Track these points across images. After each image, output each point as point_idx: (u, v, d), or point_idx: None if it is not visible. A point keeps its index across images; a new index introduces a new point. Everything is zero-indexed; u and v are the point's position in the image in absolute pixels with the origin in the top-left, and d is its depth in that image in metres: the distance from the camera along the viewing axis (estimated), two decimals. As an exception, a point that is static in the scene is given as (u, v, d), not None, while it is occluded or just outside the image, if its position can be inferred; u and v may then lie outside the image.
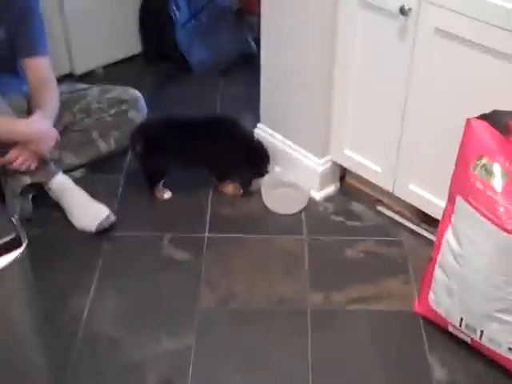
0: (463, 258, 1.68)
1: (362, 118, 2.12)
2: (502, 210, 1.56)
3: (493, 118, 1.63)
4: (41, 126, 2.16)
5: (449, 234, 1.72)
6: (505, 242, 1.56)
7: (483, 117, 1.64)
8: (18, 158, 2.13)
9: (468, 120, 1.65)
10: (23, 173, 2.16)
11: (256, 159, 2.30)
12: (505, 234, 1.55)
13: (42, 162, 2.19)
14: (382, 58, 1.97)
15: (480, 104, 1.69)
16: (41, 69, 2.31)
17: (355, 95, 2.10)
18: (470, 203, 1.63)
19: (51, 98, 2.28)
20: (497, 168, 1.58)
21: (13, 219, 1.29)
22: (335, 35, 2.05)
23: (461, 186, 1.66)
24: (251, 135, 2.37)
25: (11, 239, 1.26)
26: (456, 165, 1.69)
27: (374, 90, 2.04)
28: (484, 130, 1.62)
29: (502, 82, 1.71)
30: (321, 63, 2.11)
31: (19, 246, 1.28)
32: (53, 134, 2.19)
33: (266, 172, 2.31)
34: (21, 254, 1.28)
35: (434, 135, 1.94)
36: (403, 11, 1.83)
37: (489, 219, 1.58)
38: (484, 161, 1.61)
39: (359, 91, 2.09)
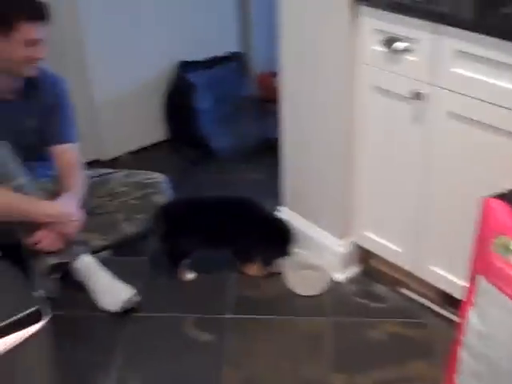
0: (489, 339, 1.66)
1: (382, 200, 2.17)
2: (525, 288, 1.56)
3: (509, 197, 1.66)
4: (67, 208, 2.23)
5: (472, 315, 1.72)
6: (530, 321, 1.56)
7: (499, 196, 1.67)
8: (45, 239, 2.18)
9: (485, 200, 1.68)
10: (49, 253, 2.21)
11: (279, 238, 2.34)
12: (529, 312, 1.55)
13: (68, 242, 2.25)
14: (398, 140, 2.03)
15: (494, 183, 1.72)
16: (69, 155, 2.41)
17: (374, 178, 2.16)
18: (491, 283, 1.64)
19: (78, 182, 2.36)
20: (517, 247, 1.60)
21: (35, 294, 1.33)
22: (352, 120, 2.13)
23: (481, 265, 1.68)
24: (273, 215, 2.42)
25: (31, 313, 1.29)
26: (475, 244, 1.71)
27: (392, 172, 2.10)
28: (501, 210, 1.64)
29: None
30: (339, 147, 2.18)
31: (39, 320, 1.31)
32: (78, 216, 2.26)
33: (289, 252, 2.34)
34: (40, 328, 1.31)
35: (451, 215, 1.97)
36: (415, 95, 1.90)
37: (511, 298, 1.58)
38: (503, 240, 1.62)
39: (378, 174, 2.14)
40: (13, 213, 2.15)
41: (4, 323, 1.26)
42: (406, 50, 1.90)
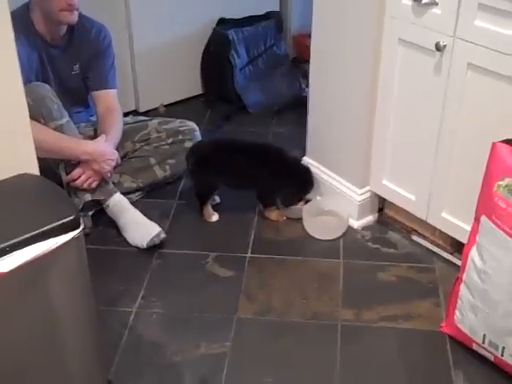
0: (486, 275, 1.76)
1: (400, 149, 2.25)
2: (522, 227, 1.65)
3: (516, 143, 1.74)
4: (103, 148, 2.38)
5: (474, 253, 1.81)
6: (524, 258, 1.64)
7: (507, 141, 1.75)
8: (82, 176, 2.34)
9: (493, 144, 1.76)
10: (85, 190, 2.37)
11: (301, 180, 2.46)
12: (524, 249, 1.63)
13: (103, 181, 2.40)
14: (420, 92, 2.11)
15: (507, 131, 1.80)
16: (109, 100, 2.57)
17: (393, 128, 2.24)
18: (493, 222, 1.73)
19: (115, 125, 2.51)
20: (518, 188, 1.68)
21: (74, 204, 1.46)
22: (376, 73, 2.21)
23: (485, 205, 1.76)
24: (297, 160, 2.53)
25: (70, 220, 1.44)
26: (482, 186, 1.79)
27: (411, 122, 2.18)
28: (508, 153, 1.73)
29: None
30: (362, 100, 2.27)
31: (77, 227, 1.45)
32: (114, 156, 2.41)
33: (306, 198, 2.45)
34: (78, 234, 1.45)
35: (465, 164, 2.05)
36: (438, 47, 1.98)
37: (510, 236, 1.67)
38: (507, 181, 1.71)
39: (397, 125, 2.23)
40: (53, 150, 2.29)
41: (45, 228, 1.40)
42: (431, 4, 1.97)
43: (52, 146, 2.29)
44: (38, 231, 1.41)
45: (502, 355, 1.78)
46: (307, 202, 2.48)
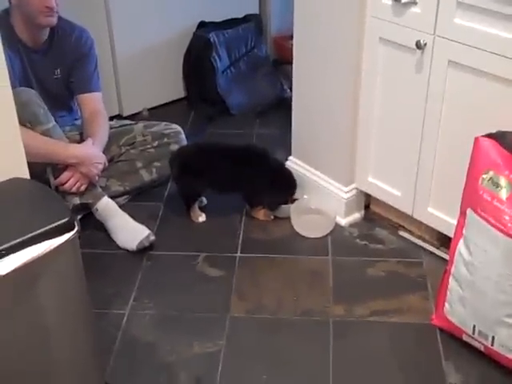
0: (474, 267, 1.80)
1: (384, 146, 2.29)
2: (507, 218, 1.69)
3: (499, 137, 1.79)
4: (91, 151, 2.40)
5: (461, 246, 1.85)
6: (510, 248, 1.68)
7: (490, 135, 1.80)
8: (70, 180, 2.35)
9: (476, 138, 1.81)
10: (73, 194, 2.38)
11: (284, 185, 2.48)
12: (510, 239, 1.67)
13: (91, 185, 2.41)
14: (402, 89, 2.15)
15: (488, 126, 1.85)
16: (93, 103, 2.58)
17: (377, 126, 2.28)
18: (479, 214, 1.77)
19: (101, 128, 2.52)
20: (503, 180, 1.72)
21: (68, 206, 1.48)
22: (359, 72, 2.25)
23: (471, 198, 1.80)
24: (280, 163, 2.56)
25: (64, 222, 1.45)
26: (466, 180, 1.83)
27: (394, 119, 2.22)
28: (491, 147, 1.77)
29: (506, 106, 1.88)
30: (346, 99, 2.30)
31: (72, 229, 1.46)
32: (101, 159, 2.42)
33: (293, 197, 2.48)
34: (72, 236, 1.46)
35: (449, 159, 2.10)
36: (419, 46, 2.02)
37: (496, 227, 1.71)
38: (491, 174, 1.75)
39: (381, 122, 2.26)
40: (41, 154, 2.29)
41: (40, 230, 1.41)
42: (411, 3, 2.01)
43: (40, 151, 2.29)
44: (33, 234, 1.42)
45: (491, 345, 1.82)
46: (294, 200, 2.50)
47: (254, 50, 3.44)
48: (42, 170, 2.36)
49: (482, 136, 1.81)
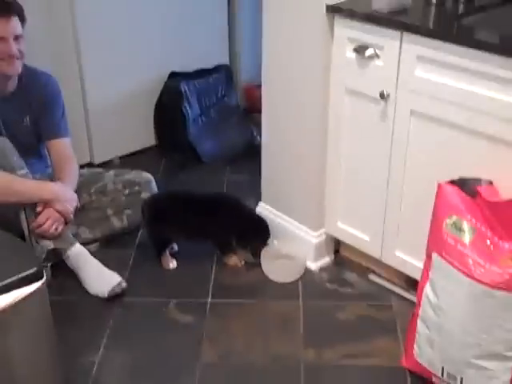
0: (441, 309, 1.84)
1: (352, 192, 2.34)
2: (470, 261, 1.74)
3: (461, 183, 1.85)
4: (64, 188, 2.44)
5: (427, 289, 1.89)
6: (475, 291, 1.73)
7: (452, 182, 1.86)
8: (48, 221, 2.35)
9: (439, 184, 1.87)
10: (47, 238, 2.38)
11: (256, 231, 2.51)
12: (474, 282, 1.72)
13: (64, 229, 2.41)
14: (367, 138, 2.22)
15: (450, 172, 1.92)
16: (62, 149, 2.61)
17: (345, 172, 2.34)
18: (444, 258, 1.82)
19: (71, 173, 2.55)
20: (465, 225, 1.78)
21: (36, 255, 1.49)
22: (326, 120, 2.31)
23: (436, 242, 1.85)
24: (250, 209, 2.59)
25: (33, 272, 1.46)
26: (431, 224, 1.89)
27: (361, 166, 2.28)
28: (453, 193, 1.84)
29: (467, 153, 1.95)
30: (314, 146, 2.36)
31: (40, 278, 1.47)
32: (74, 196, 2.45)
33: (265, 244, 2.51)
34: (41, 286, 1.47)
35: (415, 204, 2.15)
36: (382, 96, 2.09)
37: (460, 270, 1.76)
38: (454, 219, 1.81)
39: (348, 168, 2.32)
40: (15, 193, 2.31)
41: (9, 280, 1.42)
42: (373, 56, 2.09)
43: (13, 189, 2.31)
44: (0, 284, 1.42)
45: (460, 386, 1.84)
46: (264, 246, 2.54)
47: (225, 99, 3.50)
48: (15, 216, 2.36)
49: (445, 182, 1.87)
